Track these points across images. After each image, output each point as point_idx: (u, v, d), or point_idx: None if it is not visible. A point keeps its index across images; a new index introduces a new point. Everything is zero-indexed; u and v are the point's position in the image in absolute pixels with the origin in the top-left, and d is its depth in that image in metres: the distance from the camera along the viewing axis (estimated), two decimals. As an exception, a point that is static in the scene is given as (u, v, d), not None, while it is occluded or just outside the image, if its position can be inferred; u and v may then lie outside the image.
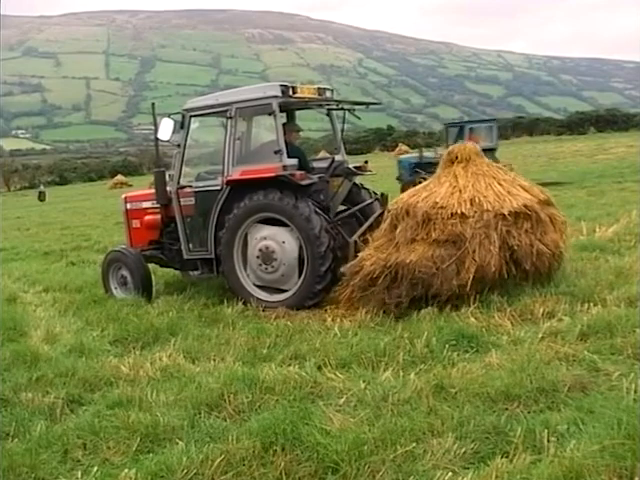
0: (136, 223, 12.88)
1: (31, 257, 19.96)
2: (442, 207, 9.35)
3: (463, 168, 9.91)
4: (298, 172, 10.44)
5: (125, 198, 13.23)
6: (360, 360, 7.51)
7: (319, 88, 11.52)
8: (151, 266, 12.30)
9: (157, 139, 11.96)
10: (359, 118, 12.16)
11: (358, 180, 11.92)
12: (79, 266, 16.97)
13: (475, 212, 9.25)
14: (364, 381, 6.80)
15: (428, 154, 31.96)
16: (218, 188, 11.10)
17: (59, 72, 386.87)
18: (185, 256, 11.80)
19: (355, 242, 10.29)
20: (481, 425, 5.50)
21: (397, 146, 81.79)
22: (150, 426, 6.01)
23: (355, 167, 11.84)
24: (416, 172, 29.06)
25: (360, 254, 9.81)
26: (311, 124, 14.18)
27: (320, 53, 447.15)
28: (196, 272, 11.91)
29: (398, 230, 9.56)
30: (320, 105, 12.00)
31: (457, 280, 8.98)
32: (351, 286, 9.68)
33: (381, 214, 10.63)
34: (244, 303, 10.60)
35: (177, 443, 5.65)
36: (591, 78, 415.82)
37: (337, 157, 12.01)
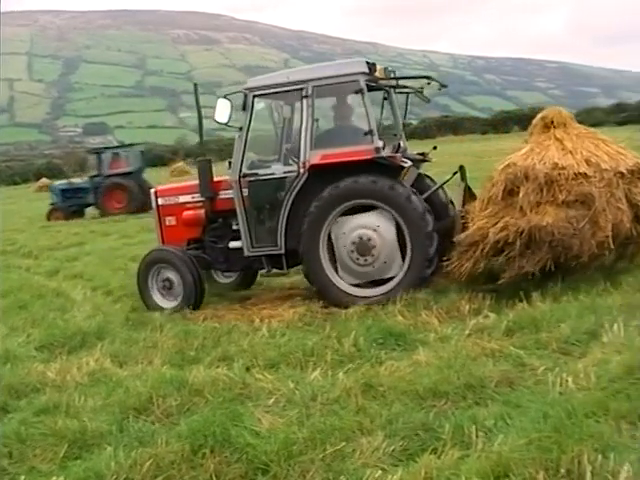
0: (170, 220, 11.59)
1: (-47, 263, 19.52)
2: (563, 168, 9.11)
3: (564, 131, 9.70)
4: (396, 154, 10.07)
5: (156, 192, 11.93)
6: (289, 360, 7.53)
7: (385, 69, 10.88)
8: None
9: (201, 123, 11.27)
10: (428, 101, 11.76)
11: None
12: (4, 271, 16.66)
13: (595, 171, 9.09)
14: (293, 381, 6.81)
15: (78, 180, 36.74)
16: (294, 174, 10.23)
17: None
18: (246, 253, 10.65)
19: (461, 212, 9.88)
20: (410, 422, 5.54)
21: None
22: (78, 432, 5.95)
23: (419, 154, 11.30)
24: (68, 198, 32.08)
25: (473, 224, 9.41)
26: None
27: (246, 54, 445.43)
28: (261, 270, 11.21)
29: (521, 194, 9.15)
30: (390, 86, 11.25)
31: (594, 239, 8.84)
32: (472, 257, 9.27)
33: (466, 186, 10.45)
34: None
35: (105, 448, 5.59)
36: (515, 78, 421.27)
37: (401, 143, 11.29)
